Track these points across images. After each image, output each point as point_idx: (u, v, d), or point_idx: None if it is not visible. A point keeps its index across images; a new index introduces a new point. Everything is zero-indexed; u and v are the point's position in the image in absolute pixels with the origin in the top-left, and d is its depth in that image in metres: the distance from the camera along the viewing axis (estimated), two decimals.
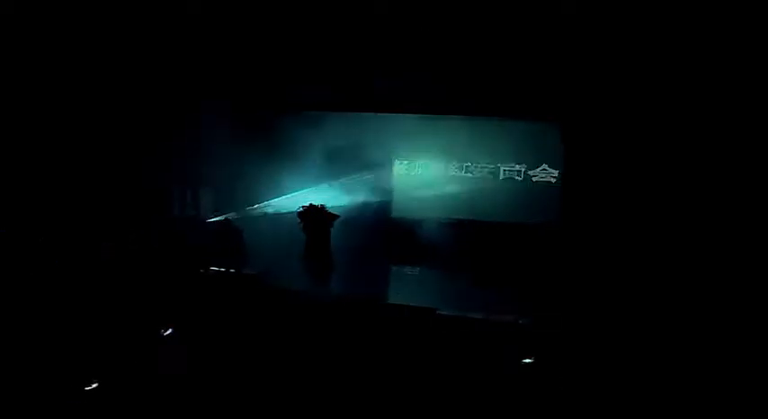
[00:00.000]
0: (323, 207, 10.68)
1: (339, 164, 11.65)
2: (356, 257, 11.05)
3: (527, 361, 6.44)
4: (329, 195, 11.35)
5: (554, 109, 10.65)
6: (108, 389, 5.95)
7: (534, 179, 11.58)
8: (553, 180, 11.45)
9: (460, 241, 11.08)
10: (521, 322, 7.48)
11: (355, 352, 6.77)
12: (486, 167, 11.76)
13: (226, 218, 11.18)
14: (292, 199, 11.51)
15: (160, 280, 8.49)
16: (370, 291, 9.61)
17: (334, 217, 10.73)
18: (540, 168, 11.53)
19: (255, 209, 11.96)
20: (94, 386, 5.96)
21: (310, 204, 10.72)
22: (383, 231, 11.81)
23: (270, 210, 11.87)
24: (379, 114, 11.45)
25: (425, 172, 12.03)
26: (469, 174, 11.83)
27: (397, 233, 11.76)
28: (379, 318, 7.83)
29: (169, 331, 7.31)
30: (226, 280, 9.18)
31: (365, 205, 11.74)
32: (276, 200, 11.85)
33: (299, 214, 10.70)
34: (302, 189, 11.58)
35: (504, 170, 11.69)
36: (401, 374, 6.28)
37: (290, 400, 5.90)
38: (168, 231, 11.11)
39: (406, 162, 12.10)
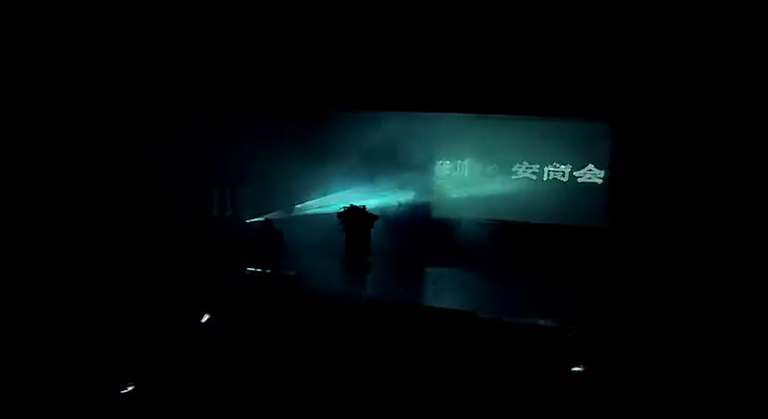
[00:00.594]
0: (364, 208, 10.60)
1: (380, 164, 11.53)
2: (396, 258, 10.97)
3: (576, 369, 6.19)
4: (369, 196, 11.27)
5: (603, 108, 10.39)
6: (144, 393, 5.95)
7: (580, 180, 11.32)
8: (599, 181, 11.18)
9: (503, 243, 10.89)
10: (566, 327, 7.22)
11: (391, 354, 6.67)
12: (530, 168, 11.55)
13: (266, 219, 11.21)
14: (332, 199, 11.49)
15: (197, 281, 8.54)
16: (408, 292, 9.49)
17: (374, 217, 10.65)
18: (586, 169, 11.26)
19: (296, 209, 11.97)
20: (130, 389, 5.96)
21: (351, 205, 10.66)
22: (423, 232, 11.68)
23: (310, 211, 11.86)
24: (421, 114, 11.30)
25: (467, 172, 11.87)
26: (513, 175, 11.63)
27: (437, 234, 11.61)
28: (417, 320, 7.70)
29: (207, 317, 7.34)
30: (263, 281, 9.17)
31: (406, 206, 11.65)
32: (316, 200, 11.85)
33: (339, 215, 10.65)
34: (342, 189, 11.55)
35: (549, 171, 11.47)
36: (437, 377, 6.15)
37: (327, 401, 5.83)
38: (208, 231, 11.19)
39: (447, 162, 11.98)
